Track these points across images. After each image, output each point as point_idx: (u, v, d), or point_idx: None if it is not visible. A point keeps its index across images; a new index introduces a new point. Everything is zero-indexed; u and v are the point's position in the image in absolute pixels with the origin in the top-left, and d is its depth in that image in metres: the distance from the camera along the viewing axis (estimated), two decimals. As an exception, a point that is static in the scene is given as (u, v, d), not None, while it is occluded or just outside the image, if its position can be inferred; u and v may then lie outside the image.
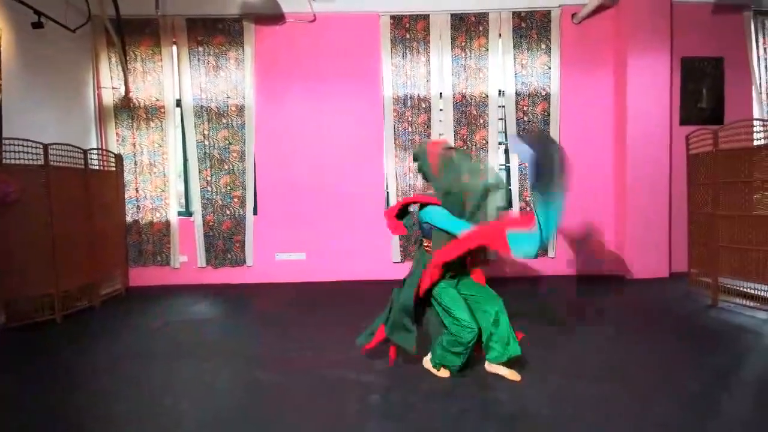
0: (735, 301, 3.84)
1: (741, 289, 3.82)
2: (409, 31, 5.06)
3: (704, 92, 5.15)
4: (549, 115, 5.10)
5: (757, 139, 3.72)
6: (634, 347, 3.07)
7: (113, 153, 4.88)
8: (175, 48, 5.05)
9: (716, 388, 2.42)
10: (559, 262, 5.23)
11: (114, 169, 4.82)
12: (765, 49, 5.11)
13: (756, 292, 3.69)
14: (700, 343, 3.10)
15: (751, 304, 3.71)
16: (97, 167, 4.50)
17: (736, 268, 3.83)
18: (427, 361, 2.67)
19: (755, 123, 3.77)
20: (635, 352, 2.98)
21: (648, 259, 4.96)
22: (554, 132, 5.11)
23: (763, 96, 5.10)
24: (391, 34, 5.05)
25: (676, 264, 5.05)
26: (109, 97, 5.04)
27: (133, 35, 4.97)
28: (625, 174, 4.99)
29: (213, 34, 5.02)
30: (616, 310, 3.96)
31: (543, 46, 5.08)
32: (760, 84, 5.09)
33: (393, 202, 5.14)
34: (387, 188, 5.22)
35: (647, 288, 4.61)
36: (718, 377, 2.55)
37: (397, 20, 5.05)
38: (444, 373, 2.58)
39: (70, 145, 4.06)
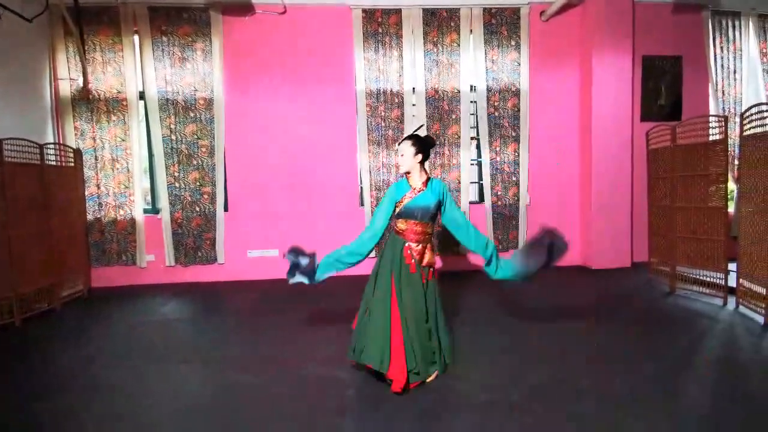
0: (692, 289, 4.05)
1: (697, 277, 4.03)
2: (382, 25, 5.03)
3: (663, 89, 5.38)
4: (519, 110, 5.20)
5: (713, 135, 3.91)
6: (595, 333, 3.20)
7: (71, 148, 4.64)
8: (137, 37, 4.84)
9: (671, 369, 2.55)
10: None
11: (73, 164, 4.60)
12: (722, 47, 5.37)
13: (711, 280, 3.90)
14: (658, 328, 3.27)
15: (707, 291, 3.92)
16: (54, 163, 4.28)
17: (692, 257, 4.04)
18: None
19: (711, 119, 3.96)
20: (596, 338, 3.11)
21: (611, 249, 5.16)
22: (524, 127, 5.21)
23: (719, 93, 5.36)
24: (363, 28, 5.01)
25: (638, 254, 5.28)
26: (66, 89, 4.79)
27: (91, 24, 4.73)
28: (589, 168, 5.16)
29: (178, 23, 4.84)
30: (578, 299, 4.12)
31: (513, 43, 5.16)
32: (716, 81, 5.35)
33: (367, 197, 5.14)
34: (360, 183, 5.20)
35: (610, 277, 4.81)
36: (673, 359, 2.69)
37: (369, 14, 5.01)
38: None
39: (25, 139, 3.85)
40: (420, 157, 2.47)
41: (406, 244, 2.47)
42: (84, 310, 4.12)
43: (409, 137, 2.50)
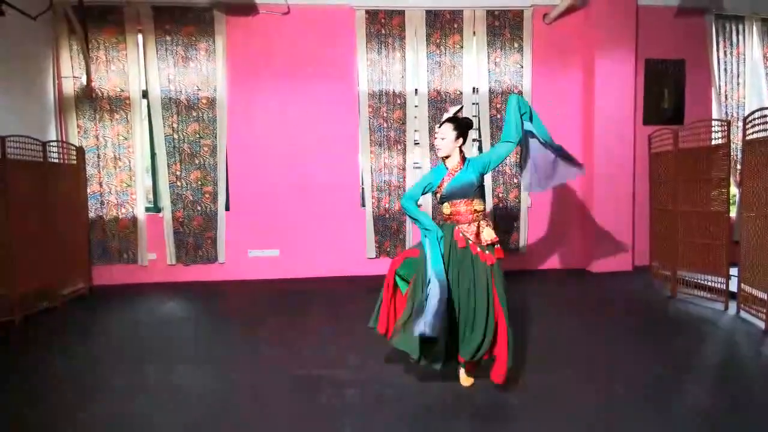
0: (693, 293, 4.04)
1: (698, 281, 4.03)
2: (385, 26, 5.03)
3: (666, 93, 5.37)
4: (521, 112, 5.19)
5: (715, 139, 3.91)
6: (596, 337, 3.20)
7: (74, 146, 4.66)
8: (140, 37, 4.86)
9: (671, 373, 2.54)
10: (528, 257, 5.36)
11: (75, 162, 4.61)
12: (725, 51, 5.36)
13: (712, 284, 3.89)
14: (658, 332, 3.27)
15: (708, 295, 3.91)
16: (57, 160, 4.30)
17: (694, 262, 4.03)
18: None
19: (713, 123, 3.96)
20: (596, 342, 3.11)
21: (612, 253, 5.14)
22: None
23: (722, 97, 5.35)
24: (366, 29, 5.02)
25: (639, 258, 5.26)
26: (69, 87, 4.80)
27: (96, 23, 4.74)
28: (591, 171, 5.14)
29: (182, 23, 4.85)
30: (579, 302, 4.11)
31: (515, 45, 5.16)
32: (719, 85, 5.34)
33: (368, 197, 5.13)
34: (362, 184, 5.20)
35: (611, 281, 4.80)
36: (674, 364, 2.68)
37: (373, 15, 5.02)
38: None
39: (28, 137, 3.86)
40: (461, 141, 2.40)
41: (456, 227, 2.38)
42: (85, 309, 4.12)
43: (451, 120, 2.40)
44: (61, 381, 2.62)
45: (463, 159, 2.42)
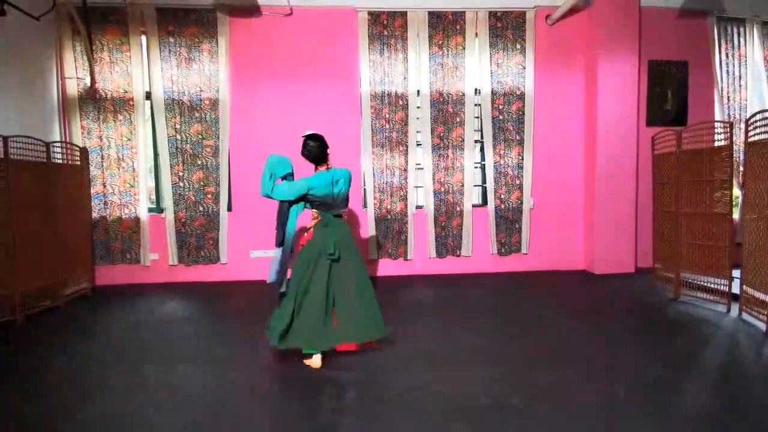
0: (696, 295, 4.02)
1: (701, 283, 4.01)
2: (387, 27, 5.04)
3: (669, 94, 5.35)
4: (523, 114, 5.19)
5: (718, 140, 3.90)
6: (597, 338, 3.19)
7: (78, 146, 4.68)
8: (144, 38, 4.88)
9: (672, 375, 2.53)
10: (530, 258, 5.35)
11: (79, 163, 4.63)
12: (727, 53, 5.35)
13: (714, 286, 3.87)
14: (660, 334, 3.25)
15: (711, 297, 3.90)
16: (60, 161, 4.32)
17: (697, 264, 4.01)
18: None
19: (716, 125, 3.95)
20: (597, 342, 3.10)
21: (615, 254, 5.13)
22: (528, 131, 5.21)
23: (725, 99, 5.33)
24: (368, 30, 5.03)
25: (642, 260, 5.25)
26: (73, 88, 4.83)
27: (99, 24, 4.77)
28: (594, 173, 5.14)
29: (185, 24, 4.88)
30: (581, 304, 4.10)
31: (518, 46, 5.16)
32: (721, 87, 5.33)
33: (370, 199, 5.14)
34: (364, 185, 5.21)
35: (613, 282, 4.78)
36: (675, 365, 2.67)
37: (375, 16, 5.03)
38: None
39: (31, 137, 3.88)
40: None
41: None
42: (87, 308, 4.14)
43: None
44: (61, 380, 2.63)
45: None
